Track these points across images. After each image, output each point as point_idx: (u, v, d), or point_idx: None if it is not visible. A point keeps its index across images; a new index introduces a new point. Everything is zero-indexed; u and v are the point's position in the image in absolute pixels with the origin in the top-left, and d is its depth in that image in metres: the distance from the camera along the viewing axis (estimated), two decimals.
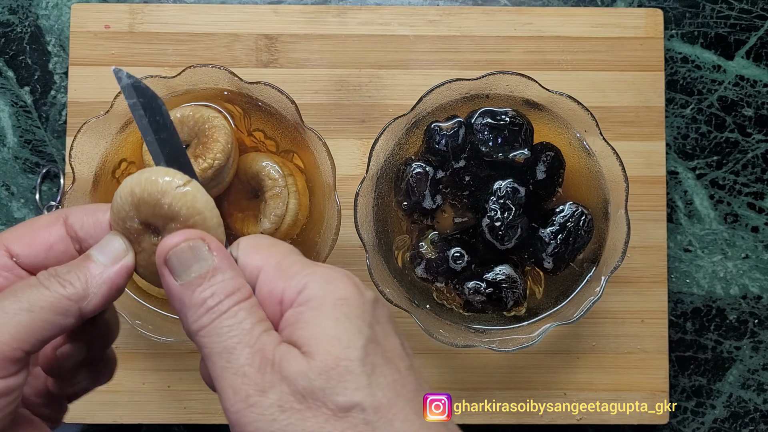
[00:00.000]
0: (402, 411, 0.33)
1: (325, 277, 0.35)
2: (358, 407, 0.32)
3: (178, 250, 0.35)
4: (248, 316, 0.34)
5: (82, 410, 0.62)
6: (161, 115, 0.38)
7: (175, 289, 0.35)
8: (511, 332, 0.57)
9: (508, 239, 0.55)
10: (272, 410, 0.32)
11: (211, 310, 0.34)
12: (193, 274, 0.34)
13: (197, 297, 0.34)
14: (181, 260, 0.35)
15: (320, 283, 0.35)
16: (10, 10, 0.66)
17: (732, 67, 0.67)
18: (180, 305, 0.35)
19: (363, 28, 0.65)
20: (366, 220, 0.56)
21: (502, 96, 0.58)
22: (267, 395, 0.32)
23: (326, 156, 0.54)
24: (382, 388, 0.33)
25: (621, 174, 0.55)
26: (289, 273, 0.35)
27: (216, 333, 0.34)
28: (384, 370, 0.33)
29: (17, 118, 0.66)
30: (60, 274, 0.35)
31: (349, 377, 0.32)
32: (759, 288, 0.66)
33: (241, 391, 0.33)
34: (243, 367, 0.33)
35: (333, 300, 0.34)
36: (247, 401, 0.32)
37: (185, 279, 0.35)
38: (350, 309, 0.34)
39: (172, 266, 0.35)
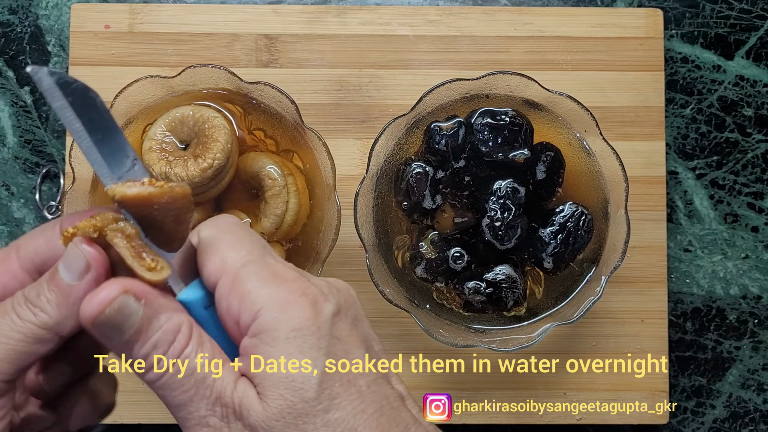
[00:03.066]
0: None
1: (279, 303, 0.33)
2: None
3: (103, 318, 0.32)
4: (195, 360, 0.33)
5: None
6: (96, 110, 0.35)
7: (116, 349, 0.33)
8: (511, 332, 0.57)
9: (508, 239, 0.55)
10: None
11: (158, 364, 0.33)
12: (126, 334, 0.32)
13: (140, 354, 0.33)
14: (110, 326, 0.32)
15: (273, 312, 0.33)
16: (10, 10, 0.66)
17: (732, 67, 0.67)
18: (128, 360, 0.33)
19: (363, 28, 0.65)
20: (366, 220, 0.56)
21: (502, 96, 0.58)
22: None
23: (326, 156, 0.54)
24: (341, 422, 0.32)
25: (621, 174, 0.55)
26: (244, 291, 0.33)
27: (169, 387, 0.33)
28: (343, 399, 0.33)
29: (17, 118, 0.66)
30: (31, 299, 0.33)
31: (306, 419, 0.32)
32: (759, 288, 0.66)
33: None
34: (205, 419, 0.32)
35: (286, 332, 0.33)
36: None
37: (120, 339, 0.32)
38: (304, 340, 0.33)
39: (103, 334, 0.32)
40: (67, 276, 0.33)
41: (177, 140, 0.56)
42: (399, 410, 0.34)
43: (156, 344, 0.33)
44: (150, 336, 0.33)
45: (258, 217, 0.57)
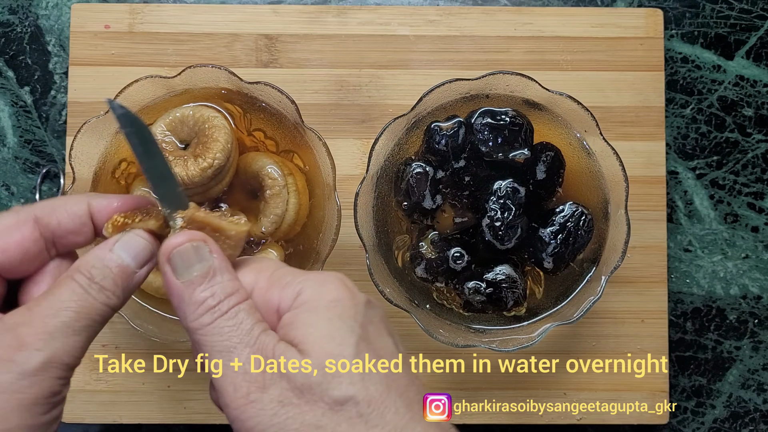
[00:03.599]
0: (393, 404, 0.35)
1: (319, 282, 0.37)
2: (351, 401, 0.34)
3: (182, 249, 0.36)
4: (247, 317, 0.36)
5: (82, 410, 0.62)
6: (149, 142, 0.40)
7: (176, 287, 0.36)
8: (511, 332, 0.57)
9: (508, 239, 0.55)
10: (272, 405, 0.34)
11: (212, 309, 0.35)
12: (194, 273, 0.36)
13: (197, 296, 0.36)
14: (183, 259, 0.36)
15: (314, 287, 0.37)
16: (10, 10, 0.66)
17: (732, 67, 0.67)
18: (179, 302, 0.36)
19: (363, 28, 0.65)
20: (366, 220, 0.56)
21: (502, 96, 0.58)
22: (267, 391, 0.34)
23: (326, 156, 0.54)
24: (374, 383, 0.35)
25: (621, 174, 0.55)
26: (283, 282, 0.37)
27: (217, 333, 0.35)
28: (376, 367, 0.35)
29: (17, 118, 0.66)
30: (99, 281, 0.37)
31: (343, 373, 0.34)
32: (759, 288, 0.66)
33: (242, 388, 0.34)
34: (243, 366, 0.34)
35: (326, 302, 0.36)
36: (247, 398, 0.34)
37: (186, 277, 0.36)
38: (342, 310, 0.36)
39: (174, 264, 0.36)
40: (132, 263, 0.38)
41: (177, 140, 0.56)
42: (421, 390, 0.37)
43: (215, 293, 0.36)
44: (213, 284, 0.36)
45: (258, 217, 0.57)
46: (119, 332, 0.62)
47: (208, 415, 0.63)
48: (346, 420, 0.34)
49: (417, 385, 0.37)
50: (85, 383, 0.62)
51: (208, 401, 0.62)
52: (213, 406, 0.62)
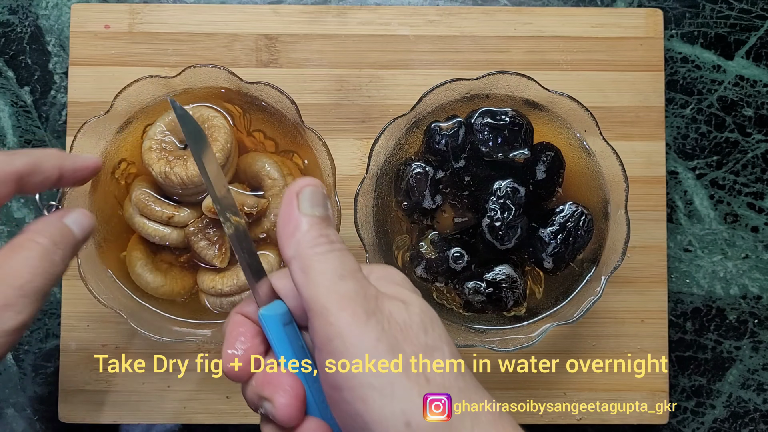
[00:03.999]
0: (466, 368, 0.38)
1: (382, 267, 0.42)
2: (440, 351, 0.37)
3: (314, 188, 0.39)
4: (354, 261, 0.38)
5: (82, 410, 0.62)
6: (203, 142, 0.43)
7: (296, 216, 0.38)
8: (511, 332, 0.57)
9: (508, 239, 0.55)
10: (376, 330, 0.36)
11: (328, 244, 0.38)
12: (317, 213, 0.39)
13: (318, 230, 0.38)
14: (313, 196, 0.39)
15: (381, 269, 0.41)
16: (10, 10, 0.66)
17: (732, 67, 0.67)
18: (295, 230, 0.38)
19: (363, 28, 0.65)
20: (366, 220, 0.56)
21: (502, 96, 0.58)
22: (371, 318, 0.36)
23: (326, 156, 0.54)
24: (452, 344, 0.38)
25: (621, 174, 0.55)
26: None
27: (330, 259, 0.37)
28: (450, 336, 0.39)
29: (17, 118, 0.66)
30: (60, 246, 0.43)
31: (435, 325, 0.38)
32: (759, 288, 0.66)
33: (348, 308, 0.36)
34: (350, 292, 0.36)
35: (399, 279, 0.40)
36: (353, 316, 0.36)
37: (308, 213, 0.39)
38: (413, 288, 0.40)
39: (301, 198, 0.39)
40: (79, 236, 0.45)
41: (177, 140, 0.56)
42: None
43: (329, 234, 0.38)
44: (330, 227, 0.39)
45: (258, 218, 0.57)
46: (119, 332, 0.62)
47: (208, 415, 0.63)
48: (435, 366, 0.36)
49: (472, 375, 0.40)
50: (85, 383, 0.62)
51: (208, 401, 0.62)
52: (213, 405, 0.63)
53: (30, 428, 0.64)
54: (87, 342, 0.63)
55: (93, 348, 0.63)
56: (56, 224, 0.44)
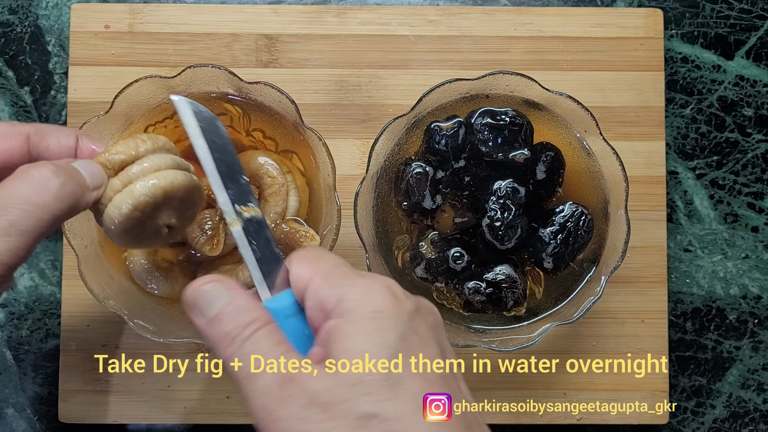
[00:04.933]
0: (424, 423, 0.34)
1: (364, 289, 0.37)
2: (379, 417, 0.33)
3: (200, 293, 0.38)
4: (266, 339, 0.36)
5: (82, 410, 0.62)
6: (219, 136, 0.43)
7: (204, 329, 0.38)
8: (511, 332, 0.57)
9: (508, 239, 0.55)
10: (294, 423, 0.34)
11: (234, 339, 0.36)
12: (214, 311, 0.37)
13: (221, 331, 0.37)
14: (204, 301, 0.38)
15: (358, 295, 0.36)
16: (10, 10, 0.66)
17: (732, 67, 0.67)
18: (211, 341, 0.38)
19: (363, 28, 0.65)
20: (366, 220, 0.56)
21: (502, 96, 0.58)
22: (288, 408, 0.34)
23: (326, 156, 0.54)
24: (406, 399, 0.34)
25: (621, 174, 0.55)
26: (334, 283, 0.37)
27: (242, 358, 0.36)
28: (410, 382, 0.35)
29: (17, 118, 0.66)
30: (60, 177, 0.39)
31: (372, 390, 0.34)
32: (759, 288, 0.66)
33: (264, 409, 0.35)
34: (264, 388, 0.35)
35: (368, 313, 0.36)
36: (270, 417, 0.34)
37: (209, 316, 0.38)
38: (384, 322, 0.36)
39: (197, 308, 0.38)
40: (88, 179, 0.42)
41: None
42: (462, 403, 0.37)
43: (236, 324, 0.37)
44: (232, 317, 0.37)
45: None
46: (119, 332, 0.62)
47: (208, 415, 0.63)
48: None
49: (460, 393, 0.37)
50: (85, 383, 0.62)
51: (208, 401, 0.62)
52: (213, 405, 0.63)
53: (30, 428, 0.64)
54: (87, 342, 0.63)
55: (93, 348, 0.62)
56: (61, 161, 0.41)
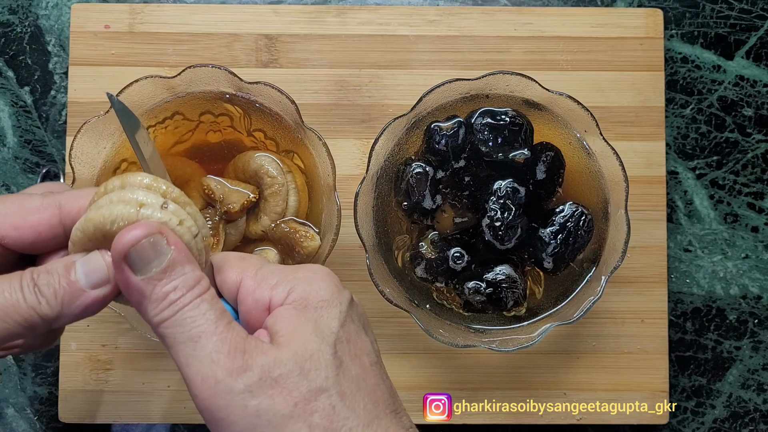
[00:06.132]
0: (362, 401, 0.36)
1: (308, 280, 0.38)
2: (326, 393, 0.35)
3: (139, 246, 0.34)
4: (211, 307, 0.35)
5: (82, 410, 0.62)
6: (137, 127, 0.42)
7: (136, 284, 0.34)
8: (511, 332, 0.57)
9: (508, 239, 0.55)
10: (243, 395, 0.33)
11: (174, 303, 0.34)
12: (153, 269, 0.34)
13: (159, 291, 0.34)
14: (141, 256, 0.34)
15: (304, 286, 0.38)
16: (10, 10, 0.66)
17: (732, 67, 0.67)
18: (140, 298, 0.35)
19: (363, 28, 0.65)
20: (366, 220, 0.56)
21: (502, 96, 0.58)
22: (237, 380, 0.34)
23: (326, 156, 0.54)
24: (348, 380, 0.36)
25: (621, 174, 0.55)
26: (273, 281, 0.38)
27: (180, 324, 0.34)
28: (350, 365, 0.36)
29: (17, 118, 0.66)
30: (40, 287, 0.35)
31: (320, 367, 0.35)
32: (759, 288, 0.66)
33: (210, 378, 0.34)
34: (211, 354, 0.34)
35: (316, 302, 0.37)
36: (215, 387, 0.33)
37: (145, 274, 0.34)
38: (329, 310, 0.37)
39: (131, 262, 0.34)
40: (83, 280, 0.35)
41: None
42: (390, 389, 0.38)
43: (177, 286, 0.34)
44: (174, 278, 0.35)
45: (258, 216, 0.57)
46: (119, 332, 0.62)
47: None
48: (319, 410, 0.34)
49: (386, 384, 0.38)
50: (85, 383, 0.62)
51: None
52: None
53: (30, 428, 0.64)
54: (87, 342, 0.63)
55: (93, 348, 0.63)
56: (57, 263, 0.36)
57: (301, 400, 0.34)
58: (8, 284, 0.35)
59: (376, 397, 0.37)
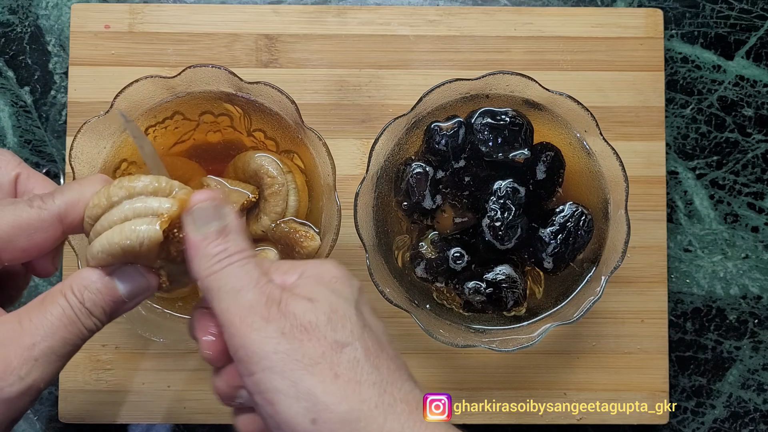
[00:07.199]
0: (386, 361, 0.38)
1: (319, 263, 0.41)
2: (352, 346, 0.37)
3: (204, 205, 0.39)
4: (255, 268, 0.39)
5: (81, 410, 0.62)
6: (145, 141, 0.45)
7: (194, 239, 0.39)
8: (511, 332, 0.57)
9: (508, 239, 0.55)
10: (276, 335, 0.36)
11: (225, 259, 0.38)
12: (212, 228, 0.39)
13: (213, 249, 0.38)
14: (204, 214, 0.39)
15: (316, 266, 0.41)
16: (10, 10, 0.66)
17: (732, 67, 0.67)
18: (195, 253, 0.39)
19: (363, 28, 0.65)
20: (366, 220, 0.56)
21: (502, 96, 0.58)
22: (272, 323, 0.37)
23: (326, 156, 0.54)
24: (371, 339, 0.38)
25: (621, 174, 0.55)
26: (284, 269, 0.41)
27: (227, 275, 0.38)
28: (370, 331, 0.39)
29: (17, 118, 0.66)
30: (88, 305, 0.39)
31: (347, 322, 0.38)
32: (759, 288, 0.66)
33: (247, 318, 0.37)
34: (250, 301, 0.37)
35: (329, 277, 0.40)
36: (252, 326, 0.37)
37: (204, 231, 0.39)
38: (342, 285, 0.40)
39: (195, 218, 0.39)
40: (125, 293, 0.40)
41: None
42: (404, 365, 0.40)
43: (228, 248, 0.39)
44: (227, 241, 0.39)
45: (258, 216, 0.57)
46: (119, 332, 0.62)
47: (208, 414, 0.63)
48: (345, 361, 0.37)
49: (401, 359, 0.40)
50: (85, 383, 0.62)
51: (208, 401, 0.62)
52: (213, 406, 0.62)
53: (30, 428, 0.64)
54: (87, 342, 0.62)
55: (93, 348, 0.63)
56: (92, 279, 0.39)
57: (329, 349, 0.37)
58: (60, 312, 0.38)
59: (398, 363, 0.39)
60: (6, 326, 0.38)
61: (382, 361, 0.38)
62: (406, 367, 0.40)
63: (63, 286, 0.39)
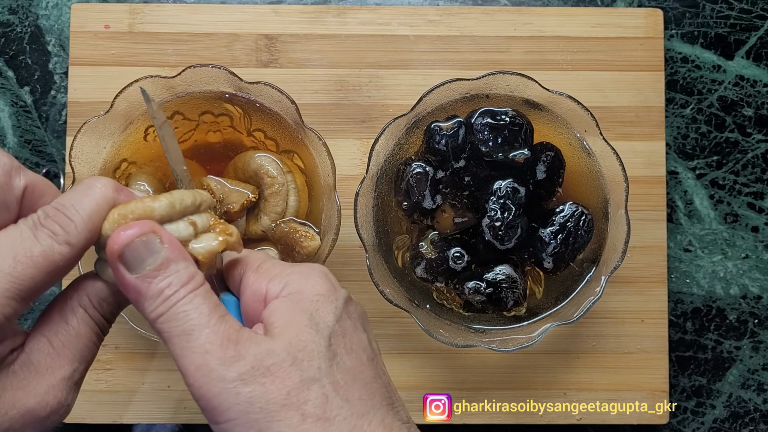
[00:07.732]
0: (357, 392, 0.36)
1: (304, 275, 0.39)
2: (318, 383, 0.35)
3: (132, 245, 0.35)
4: (204, 301, 0.36)
5: (82, 410, 0.62)
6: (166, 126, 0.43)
7: (131, 282, 0.35)
8: (511, 332, 0.57)
9: (508, 239, 0.55)
10: (236, 383, 0.34)
11: (168, 298, 0.35)
12: (147, 267, 0.35)
13: (154, 288, 0.35)
14: (135, 254, 0.35)
15: (300, 280, 0.39)
16: (10, 10, 0.66)
17: (732, 67, 0.67)
18: (137, 296, 0.36)
19: (363, 28, 0.65)
20: (366, 220, 0.56)
21: (502, 96, 0.58)
22: (230, 368, 0.34)
23: (326, 156, 0.54)
24: (342, 371, 0.36)
25: (621, 174, 0.55)
26: (271, 274, 0.39)
27: (174, 318, 0.35)
28: (345, 357, 0.37)
29: (17, 118, 0.66)
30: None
31: (314, 357, 0.36)
32: (759, 288, 0.66)
33: (203, 367, 0.34)
34: (204, 345, 0.35)
35: (311, 295, 0.38)
36: (209, 375, 0.34)
37: (140, 272, 0.35)
38: (324, 304, 0.38)
39: (126, 261, 0.35)
40: None
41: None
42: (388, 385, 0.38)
43: (171, 283, 0.35)
44: (168, 275, 0.35)
45: (258, 216, 0.57)
46: (119, 332, 0.62)
47: None
48: (313, 398, 0.35)
49: (383, 379, 0.39)
50: (85, 383, 0.62)
51: None
52: None
53: None
54: None
55: None
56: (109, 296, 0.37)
57: (294, 389, 0.35)
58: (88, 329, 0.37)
59: (372, 390, 0.37)
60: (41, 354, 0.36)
61: (353, 392, 0.36)
62: (386, 388, 0.38)
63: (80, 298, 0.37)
